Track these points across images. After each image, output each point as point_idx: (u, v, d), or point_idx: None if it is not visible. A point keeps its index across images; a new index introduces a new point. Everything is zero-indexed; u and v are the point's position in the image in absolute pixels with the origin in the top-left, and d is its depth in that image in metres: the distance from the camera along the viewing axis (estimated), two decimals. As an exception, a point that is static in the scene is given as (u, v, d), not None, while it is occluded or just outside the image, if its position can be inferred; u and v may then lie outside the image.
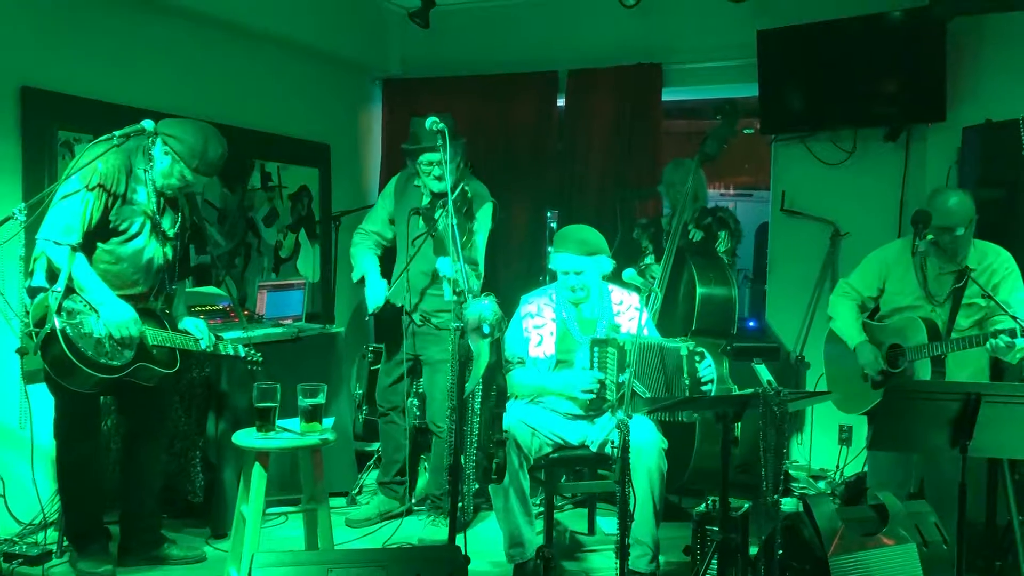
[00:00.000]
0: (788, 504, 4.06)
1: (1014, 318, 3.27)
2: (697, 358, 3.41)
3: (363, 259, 4.36)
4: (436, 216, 4.03)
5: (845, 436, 5.22)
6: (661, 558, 3.58)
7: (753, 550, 3.32)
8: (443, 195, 3.98)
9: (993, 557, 3.64)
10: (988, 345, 3.37)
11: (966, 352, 3.50)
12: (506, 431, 3.47)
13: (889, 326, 3.78)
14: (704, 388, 3.45)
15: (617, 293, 3.85)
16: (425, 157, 4.08)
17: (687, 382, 3.40)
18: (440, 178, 4.03)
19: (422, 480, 4.61)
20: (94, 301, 3.32)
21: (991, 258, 3.64)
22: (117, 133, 3.24)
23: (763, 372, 2.87)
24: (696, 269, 4.26)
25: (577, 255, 3.64)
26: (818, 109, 5.05)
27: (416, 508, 4.47)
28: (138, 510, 3.71)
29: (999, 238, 3.72)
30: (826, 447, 5.29)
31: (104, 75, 4.32)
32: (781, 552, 2.88)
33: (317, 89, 5.77)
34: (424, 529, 4.22)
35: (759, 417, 2.84)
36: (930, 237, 3.58)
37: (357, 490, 4.70)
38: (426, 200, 4.20)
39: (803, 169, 5.29)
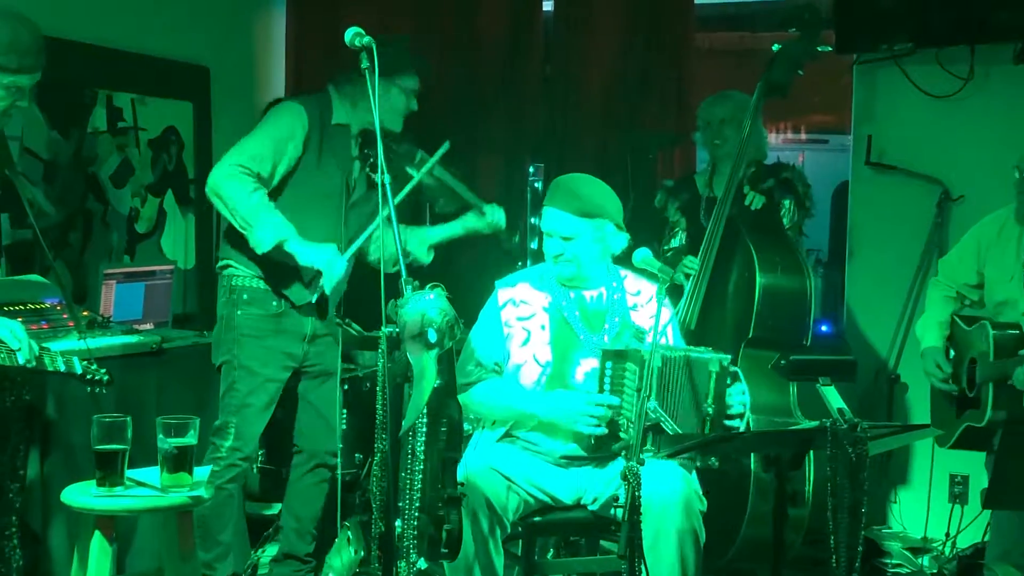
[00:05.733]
0: (874, 589, 4.13)
1: None
2: (729, 379, 3.41)
3: (274, 214, 4.07)
4: (416, 158, 4.10)
5: (959, 491, 5.28)
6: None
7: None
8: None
9: None
10: None
11: None
12: (463, 483, 3.48)
13: (975, 330, 3.89)
14: (730, 424, 3.44)
15: (633, 281, 3.89)
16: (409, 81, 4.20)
17: (710, 411, 3.41)
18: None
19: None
20: None
21: None
22: None
23: (833, 397, 2.91)
24: (756, 250, 4.30)
25: (565, 212, 3.69)
26: (920, 15, 5.11)
27: None
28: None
29: None
30: (934, 508, 5.35)
31: None
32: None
33: (190, -12, 5.77)
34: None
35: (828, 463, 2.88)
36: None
37: (250, 570, 4.70)
38: (355, 149, 4.25)
39: (899, 104, 5.36)
